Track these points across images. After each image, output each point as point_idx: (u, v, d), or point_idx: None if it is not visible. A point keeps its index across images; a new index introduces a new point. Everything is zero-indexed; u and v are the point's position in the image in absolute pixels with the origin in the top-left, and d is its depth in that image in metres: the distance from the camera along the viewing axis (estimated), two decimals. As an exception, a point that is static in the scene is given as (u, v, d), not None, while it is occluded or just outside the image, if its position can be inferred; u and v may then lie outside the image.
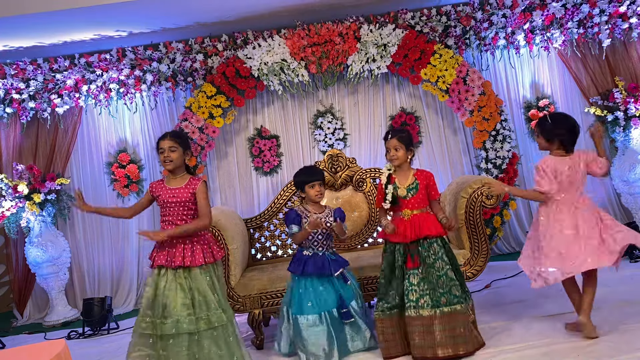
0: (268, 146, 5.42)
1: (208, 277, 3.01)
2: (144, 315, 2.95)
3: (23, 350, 2.72)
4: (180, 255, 2.96)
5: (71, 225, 5.47)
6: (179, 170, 3.13)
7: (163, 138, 3.11)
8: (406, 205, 3.22)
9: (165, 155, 3.06)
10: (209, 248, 3.06)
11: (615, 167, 5.22)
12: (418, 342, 3.05)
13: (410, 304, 3.08)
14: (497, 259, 5.23)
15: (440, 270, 3.11)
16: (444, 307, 3.05)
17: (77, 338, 4.56)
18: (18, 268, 5.35)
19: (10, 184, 4.97)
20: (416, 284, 3.11)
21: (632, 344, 2.91)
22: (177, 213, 3.04)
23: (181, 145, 3.10)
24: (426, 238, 3.15)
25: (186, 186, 3.08)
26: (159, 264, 2.98)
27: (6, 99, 5.06)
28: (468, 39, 5.13)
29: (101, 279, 5.48)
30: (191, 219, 3.05)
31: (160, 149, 3.09)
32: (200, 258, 2.99)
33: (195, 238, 3.03)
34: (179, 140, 3.11)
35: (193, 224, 3.02)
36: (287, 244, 4.35)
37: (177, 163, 3.09)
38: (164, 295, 2.93)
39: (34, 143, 5.30)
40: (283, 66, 4.99)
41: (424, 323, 3.05)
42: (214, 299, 2.98)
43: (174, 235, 2.99)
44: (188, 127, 5.00)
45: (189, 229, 3.00)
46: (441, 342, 3.02)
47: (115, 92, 5.12)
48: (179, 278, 2.96)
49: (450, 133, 5.52)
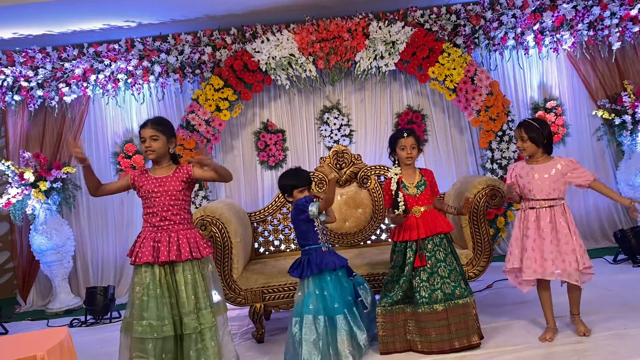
0: (274, 140, 5.42)
1: (194, 274, 2.81)
2: (139, 319, 2.73)
3: (26, 337, 2.74)
4: (165, 250, 2.76)
5: (76, 213, 5.50)
6: (163, 160, 2.90)
7: (144, 126, 2.87)
8: (416, 202, 3.24)
9: (147, 145, 2.83)
10: (196, 243, 2.84)
11: (621, 170, 5.21)
12: (435, 337, 3.10)
13: (422, 300, 3.12)
14: (500, 260, 5.21)
15: (452, 265, 3.19)
16: (458, 299, 3.13)
17: (80, 326, 4.59)
18: (22, 255, 5.38)
19: (16, 171, 5.00)
20: (426, 279, 3.15)
21: (632, 348, 2.91)
22: (163, 204, 2.81)
23: (164, 133, 2.86)
24: (438, 234, 3.20)
25: (174, 174, 2.86)
26: (146, 261, 2.76)
27: (14, 86, 5.08)
28: (477, 38, 5.11)
29: (104, 268, 5.52)
30: (178, 210, 2.83)
31: (142, 138, 2.86)
32: (186, 253, 2.78)
33: (182, 232, 2.82)
34: (162, 128, 2.87)
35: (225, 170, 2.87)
36: (291, 239, 4.36)
37: (160, 152, 2.86)
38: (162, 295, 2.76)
39: (41, 131, 5.33)
40: (291, 61, 4.99)
41: (439, 318, 3.11)
42: (203, 297, 2.81)
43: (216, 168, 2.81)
44: (195, 119, 5.01)
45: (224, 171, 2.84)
46: (457, 335, 3.11)
47: (123, 82, 5.13)
48: (166, 275, 2.78)
49: (457, 132, 5.52)
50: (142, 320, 2.73)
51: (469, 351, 3.11)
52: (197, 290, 2.80)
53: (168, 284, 2.78)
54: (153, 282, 2.76)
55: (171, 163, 2.93)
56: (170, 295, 2.77)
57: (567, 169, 3.15)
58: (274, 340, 3.68)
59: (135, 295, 2.78)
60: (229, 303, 3.74)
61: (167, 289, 2.77)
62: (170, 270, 2.79)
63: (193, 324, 2.76)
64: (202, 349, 2.78)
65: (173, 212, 2.82)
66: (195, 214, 3.74)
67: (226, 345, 2.92)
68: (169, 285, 2.78)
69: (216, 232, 3.69)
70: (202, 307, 2.80)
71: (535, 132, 3.15)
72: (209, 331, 2.79)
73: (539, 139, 3.15)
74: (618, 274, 4.23)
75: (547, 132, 3.17)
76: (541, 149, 3.18)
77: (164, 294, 2.76)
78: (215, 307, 2.88)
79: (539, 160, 3.20)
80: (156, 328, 2.72)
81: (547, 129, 3.18)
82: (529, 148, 3.18)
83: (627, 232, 4.72)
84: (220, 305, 2.94)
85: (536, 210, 3.17)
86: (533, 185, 3.16)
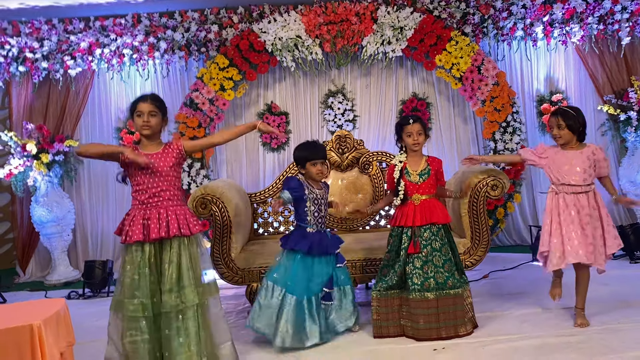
0: (277, 122, 5.41)
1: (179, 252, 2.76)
2: (131, 297, 2.70)
3: (24, 306, 2.76)
4: (155, 228, 2.72)
5: (77, 187, 5.51)
6: (155, 137, 2.86)
7: (143, 100, 2.83)
8: (417, 190, 3.25)
9: (145, 120, 2.79)
10: (185, 220, 2.79)
11: (624, 167, 5.19)
12: (423, 325, 3.13)
13: (414, 287, 3.13)
14: (498, 251, 5.24)
15: (447, 255, 3.21)
16: (450, 289, 3.15)
17: (77, 298, 4.63)
18: (23, 226, 5.40)
19: (19, 142, 5.00)
20: (419, 267, 3.16)
21: (625, 343, 2.92)
22: (153, 180, 2.78)
23: (161, 110, 2.84)
24: (435, 224, 3.21)
25: (164, 151, 2.84)
26: (137, 240, 2.72)
27: (19, 57, 5.06)
28: (486, 27, 5.07)
29: (104, 242, 5.55)
30: (167, 186, 2.79)
31: (138, 112, 2.80)
32: (174, 229, 2.73)
33: (171, 209, 2.77)
34: (159, 105, 2.84)
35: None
36: (290, 221, 4.37)
37: (155, 129, 2.83)
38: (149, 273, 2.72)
39: (44, 103, 5.32)
40: (297, 43, 4.96)
41: (429, 306, 3.12)
42: (188, 275, 2.74)
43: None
44: (198, 97, 5.00)
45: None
46: (445, 324, 3.13)
47: (129, 57, 5.11)
48: (155, 253, 2.75)
49: (461, 122, 5.50)
50: (134, 298, 2.70)
51: (462, 339, 3.13)
52: (181, 268, 2.74)
53: (156, 263, 2.74)
54: (143, 260, 2.73)
55: (161, 140, 2.90)
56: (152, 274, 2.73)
57: (599, 156, 3.21)
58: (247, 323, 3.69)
59: (126, 274, 2.75)
60: (226, 282, 3.78)
61: (154, 267, 2.74)
62: (159, 247, 2.76)
63: (171, 302, 2.70)
64: (181, 328, 2.71)
65: (162, 189, 2.78)
66: (195, 192, 3.75)
67: (217, 324, 2.87)
68: (156, 264, 2.74)
69: (216, 211, 3.70)
70: (185, 285, 2.73)
71: (573, 120, 3.18)
72: (190, 310, 2.73)
73: (576, 126, 3.18)
74: (615, 270, 4.23)
75: (582, 119, 3.21)
76: (576, 136, 3.21)
77: (152, 272, 2.73)
78: (206, 287, 2.83)
79: (574, 147, 3.23)
80: (147, 306, 2.70)
81: (582, 116, 3.22)
82: (565, 136, 3.21)
83: (626, 228, 4.72)
84: (212, 286, 2.87)
85: (572, 196, 3.19)
86: (568, 171, 3.18)
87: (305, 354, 3.09)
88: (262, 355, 3.14)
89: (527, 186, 5.43)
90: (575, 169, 3.18)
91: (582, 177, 3.17)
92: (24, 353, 2.26)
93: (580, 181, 3.17)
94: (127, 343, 2.72)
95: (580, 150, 3.21)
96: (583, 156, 3.19)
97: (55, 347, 2.42)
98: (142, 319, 2.70)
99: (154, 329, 2.74)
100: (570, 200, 3.20)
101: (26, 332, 2.27)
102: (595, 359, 2.76)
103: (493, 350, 2.95)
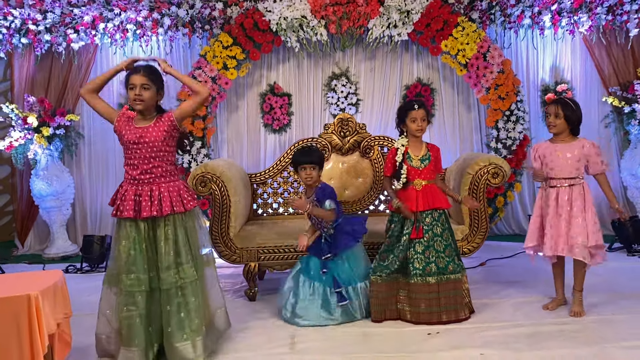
0: (279, 104, 5.38)
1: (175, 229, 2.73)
2: (128, 272, 2.68)
3: (22, 277, 2.79)
4: (147, 206, 2.67)
5: (77, 162, 5.51)
6: (149, 112, 2.76)
7: (135, 72, 2.71)
8: (419, 175, 3.25)
9: (137, 93, 2.68)
10: (179, 197, 2.74)
11: (626, 159, 5.18)
12: (424, 309, 3.16)
13: (416, 272, 3.16)
14: (496, 239, 5.25)
15: (447, 240, 3.24)
16: (450, 274, 3.19)
17: (75, 272, 4.65)
18: (22, 199, 5.41)
19: (20, 115, 4.98)
20: (421, 252, 3.18)
21: (618, 333, 2.94)
22: (144, 156, 2.70)
23: (155, 84, 2.73)
24: (437, 209, 3.23)
25: (155, 124, 2.73)
26: (127, 216, 2.69)
27: (22, 29, 5.02)
28: (493, 14, 5.02)
29: (103, 218, 5.55)
30: (160, 162, 2.72)
31: (131, 84, 2.70)
32: (167, 207, 2.68)
33: (164, 185, 2.72)
34: (153, 77, 2.73)
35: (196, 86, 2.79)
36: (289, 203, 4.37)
37: (148, 103, 2.73)
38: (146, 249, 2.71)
39: (46, 76, 5.29)
40: (302, 23, 4.92)
41: (430, 290, 3.16)
42: (185, 251, 2.74)
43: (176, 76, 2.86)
44: (201, 75, 4.97)
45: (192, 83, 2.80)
46: (446, 308, 3.17)
47: (132, 33, 5.07)
48: (149, 230, 2.72)
49: (464, 109, 5.47)
50: (130, 273, 2.69)
51: (456, 324, 3.15)
52: (178, 246, 2.73)
53: (150, 240, 2.73)
54: (139, 236, 2.71)
55: (155, 114, 2.80)
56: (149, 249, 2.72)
57: (590, 151, 3.21)
58: (266, 299, 3.72)
59: (121, 248, 2.72)
60: (224, 260, 3.79)
61: (150, 244, 2.73)
62: (152, 224, 2.73)
63: (170, 279, 2.70)
64: (182, 303, 2.73)
65: (154, 165, 2.71)
66: (195, 170, 3.75)
67: (212, 291, 2.92)
68: (151, 241, 2.73)
69: (215, 190, 3.70)
70: (182, 262, 2.73)
71: (571, 111, 3.21)
72: (190, 285, 2.74)
73: (572, 118, 3.21)
74: (612, 262, 4.23)
75: (580, 114, 3.25)
76: (569, 128, 3.23)
77: (148, 247, 2.72)
78: (204, 259, 2.85)
79: (565, 139, 3.26)
80: (144, 281, 2.70)
81: (580, 112, 3.25)
82: (560, 125, 3.23)
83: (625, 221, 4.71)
84: (209, 257, 2.91)
85: (557, 189, 3.22)
86: (556, 164, 3.22)
87: (300, 332, 3.11)
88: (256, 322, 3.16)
89: (528, 176, 5.42)
90: (560, 160, 3.21)
91: (568, 170, 3.20)
92: (21, 322, 2.28)
93: (565, 173, 3.20)
94: (122, 318, 2.70)
95: (570, 143, 3.23)
96: (572, 149, 3.21)
97: (52, 318, 2.44)
98: (138, 294, 2.69)
99: (150, 304, 2.74)
100: (554, 192, 3.23)
101: (24, 302, 2.29)
102: (589, 348, 2.78)
103: (487, 337, 2.97)
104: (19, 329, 2.28)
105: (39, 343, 2.29)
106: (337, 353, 2.84)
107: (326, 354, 2.84)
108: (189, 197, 2.80)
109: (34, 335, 2.28)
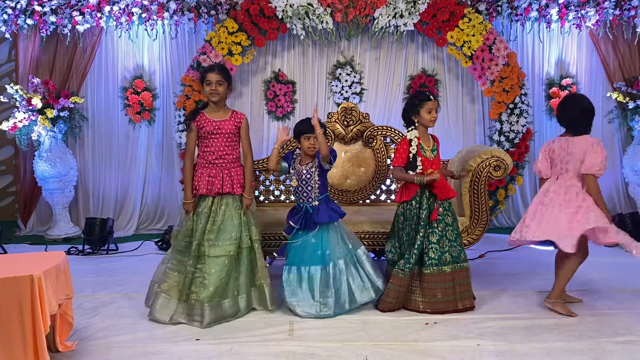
0: (283, 91, 5.38)
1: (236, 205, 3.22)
2: (185, 235, 3.20)
3: (24, 257, 2.81)
4: (219, 184, 3.18)
5: (81, 144, 5.52)
6: (222, 103, 3.27)
7: (211, 70, 3.22)
8: (430, 165, 3.27)
9: (213, 88, 3.20)
10: (238, 182, 3.25)
11: (629, 155, 5.18)
12: (441, 298, 3.20)
13: (432, 262, 3.19)
14: (496, 232, 5.27)
15: (457, 230, 3.30)
16: (463, 262, 3.25)
17: (77, 254, 4.68)
18: (25, 180, 5.44)
19: (25, 96, 4.99)
20: (436, 242, 3.21)
21: (613, 328, 2.96)
22: (219, 144, 3.21)
23: (227, 80, 3.24)
24: (447, 200, 3.29)
25: (230, 118, 3.25)
26: (201, 193, 3.18)
27: (28, 9, 5.01)
28: (500, 6, 5.00)
29: (105, 201, 5.58)
30: (231, 150, 3.24)
31: (207, 81, 3.20)
32: (238, 188, 3.22)
33: (233, 170, 3.23)
34: (225, 75, 3.24)
35: (248, 169, 3.30)
36: (291, 190, 4.39)
37: (222, 96, 3.24)
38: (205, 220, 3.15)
39: (51, 58, 5.28)
40: (308, 11, 4.90)
41: (446, 279, 3.20)
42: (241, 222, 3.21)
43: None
44: (206, 61, 4.96)
45: (250, 177, 3.31)
46: (461, 296, 3.23)
47: (137, 16, 5.06)
48: (215, 205, 3.19)
49: (468, 101, 5.47)
50: (187, 237, 3.20)
51: (453, 314, 3.17)
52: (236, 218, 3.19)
53: (215, 213, 3.17)
54: (206, 208, 3.18)
55: (227, 107, 3.31)
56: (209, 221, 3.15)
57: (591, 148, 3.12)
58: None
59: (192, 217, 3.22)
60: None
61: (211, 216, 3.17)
62: (219, 201, 3.20)
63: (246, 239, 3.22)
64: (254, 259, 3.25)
65: (227, 152, 3.23)
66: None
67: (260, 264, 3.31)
68: (216, 214, 3.17)
69: (218, 176, 3.71)
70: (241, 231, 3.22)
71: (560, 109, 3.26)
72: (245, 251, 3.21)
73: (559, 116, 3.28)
74: (610, 257, 4.26)
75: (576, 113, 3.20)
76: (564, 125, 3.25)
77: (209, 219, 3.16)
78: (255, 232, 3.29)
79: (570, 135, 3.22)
80: (195, 247, 3.13)
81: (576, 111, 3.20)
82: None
83: (625, 216, 4.74)
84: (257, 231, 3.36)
85: (553, 178, 3.23)
86: (564, 157, 3.19)
87: (299, 319, 3.14)
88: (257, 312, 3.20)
89: (530, 169, 5.42)
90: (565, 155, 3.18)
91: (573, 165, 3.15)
92: (23, 302, 2.31)
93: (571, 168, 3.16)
94: (166, 268, 3.19)
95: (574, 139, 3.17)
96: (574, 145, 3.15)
97: (54, 299, 2.47)
98: (187, 254, 3.16)
99: (194, 266, 3.13)
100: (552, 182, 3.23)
101: (26, 282, 2.31)
102: (584, 341, 2.80)
103: (484, 328, 3.00)
104: (21, 309, 2.30)
105: (41, 323, 2.32)
106: (336, 340, 2.87)
107: (324, 341, 2.87)
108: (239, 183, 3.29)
109: (36, 315, 2.31)
